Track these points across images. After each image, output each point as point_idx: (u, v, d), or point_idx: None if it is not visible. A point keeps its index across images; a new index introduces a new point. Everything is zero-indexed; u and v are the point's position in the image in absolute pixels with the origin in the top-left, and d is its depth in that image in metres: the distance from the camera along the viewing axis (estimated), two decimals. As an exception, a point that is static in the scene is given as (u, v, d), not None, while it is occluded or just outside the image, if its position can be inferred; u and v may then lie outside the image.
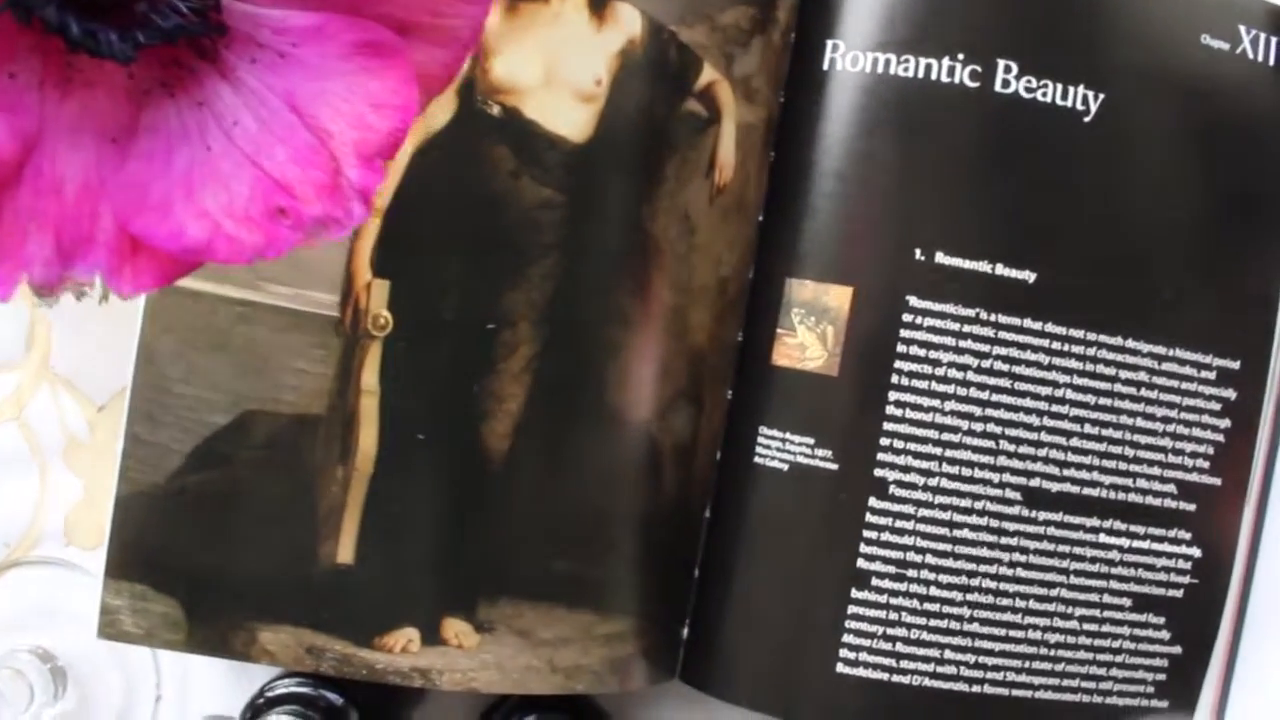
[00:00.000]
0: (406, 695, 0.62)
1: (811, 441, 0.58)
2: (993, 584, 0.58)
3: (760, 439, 0.59)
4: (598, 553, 0.57)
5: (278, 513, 0.54)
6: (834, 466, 0.58)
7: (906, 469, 0.57)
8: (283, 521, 0.54)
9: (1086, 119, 0.57)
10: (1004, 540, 0.58)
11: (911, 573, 0.58)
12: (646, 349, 0.56)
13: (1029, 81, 0.57)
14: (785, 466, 0.58)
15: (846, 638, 0.58)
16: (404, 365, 0.53)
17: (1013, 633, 0.59)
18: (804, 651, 0.59)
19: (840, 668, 0.59)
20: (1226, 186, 0.59)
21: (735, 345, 0.60)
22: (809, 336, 0.58)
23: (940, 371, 0.57)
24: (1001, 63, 0.57)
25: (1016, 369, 0.57)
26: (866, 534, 0.58)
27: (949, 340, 0.57)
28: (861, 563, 0.58)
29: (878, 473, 0.57)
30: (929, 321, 0.57)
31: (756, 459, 0.59)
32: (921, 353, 0.57)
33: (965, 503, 0.58)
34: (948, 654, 0.59)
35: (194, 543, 0.54)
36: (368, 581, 0.55)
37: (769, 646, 0.59)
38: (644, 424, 0.57)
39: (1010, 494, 0.58)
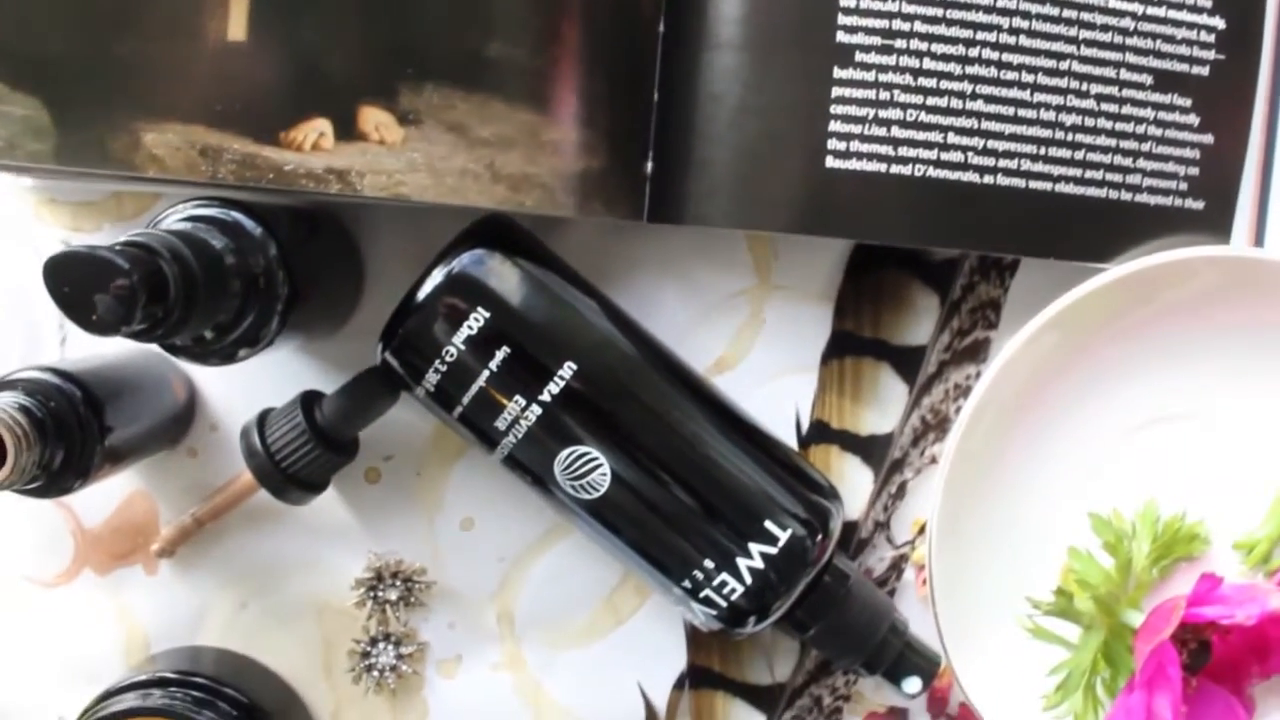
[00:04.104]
0: (337, 240, 0.51)
1: (771, -95, 0.47)
2: (994, 54, 0.48)
3: (713, -84, 0.48)
4: (538, 40, 0.46)
5: (153, -18, 0.43)
6: (799, -71, 0.47)
7: (882, -79, 0.47)
8: (160, -9, 0.43)
9: None
10: (1001, 3, 0.48)
11: (900, 43, 0.48)
12: None
13: None
14: (744, -59, 0.48)
15: (834, 126, 0.48)
16: None
17: (1022, 112, 0.48)
18: (787, 150, 0.48)
19: (830, 162, 0.48)
20: None
21: None
22: None
23: None
24: None
25: None
26: (843, 2, 0.47)
27: None
28: (841, 36, 0.48)
29: (850, -71, 0.47)
30: None
31: (711, -59, 0.48)
32: None
33: (953, -43, 0.47)
34: (951, 138, 0.48)
35: (56, 22, 0.43)
36: (266, 62, 0.44)
37: (747, 153, 0.48)
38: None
39: (1003, -54, 0.48)
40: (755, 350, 0.53)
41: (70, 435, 0.47)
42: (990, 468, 0.51)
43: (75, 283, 0.38)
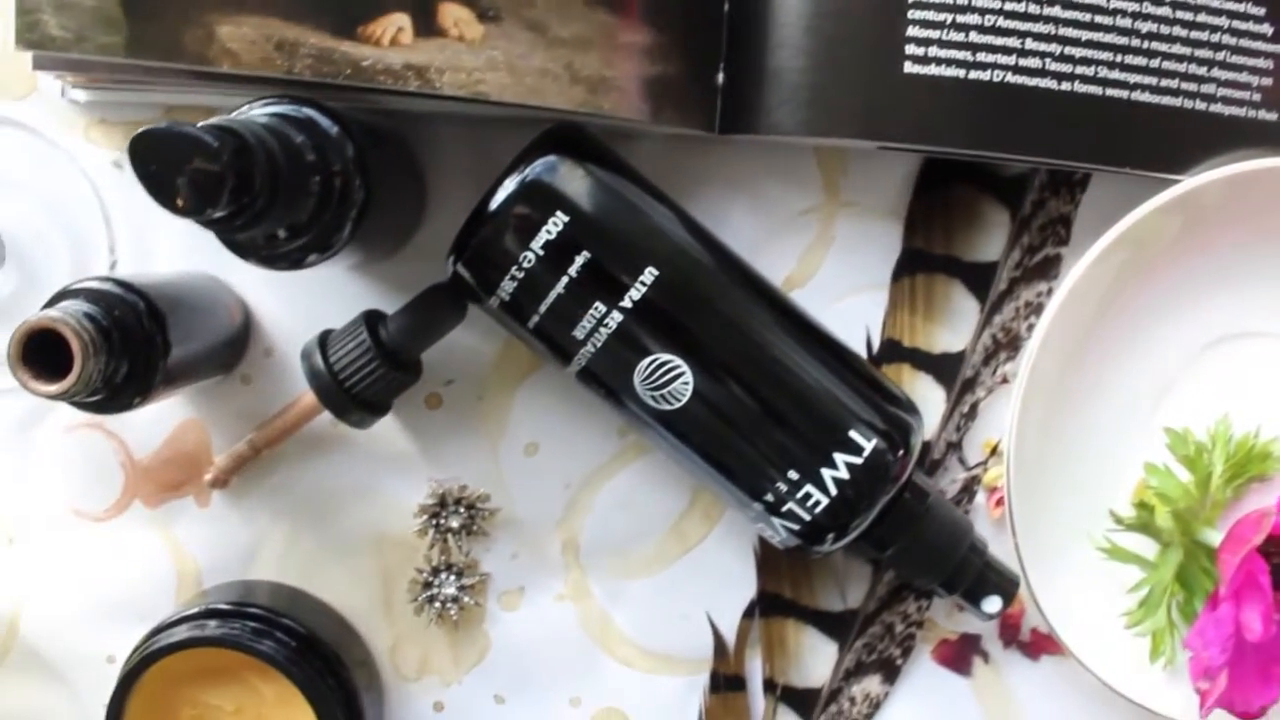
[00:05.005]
0: (400, 157, 0.49)
1: None
2: (1071, -41, 0.47)
3: None
4: (613, -59, 0.45)
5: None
6: None
7: None
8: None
9: None
10: (1078, -95, 0.47)
11: (978, -54, 0.46)
12: None
13: None
14: None
15: (912, 31, 0.47)
16: None
17: (1099, 18, 0.48)
18: (865, 55, 0.47)
19: (909, 67, 0.47)
20: None
21: None
22: None
23: None
24: None
25: None
26: (922, -97, 0.46)
27: None
28: (920, -62, 0.46)
29: None
30: None
31: None
32: None
33: None
34: (1029, 44, 0.47)
35: (127, -88, 0.41)
36: (343, -46, 0.42)
37: (823, 60, 0.47)
38: None
39: None
40: (824, 268, 0.52)
41: (135, 347, 0.45)
42: (1064, 387, 0.50)
43: (162, 161, 0.36)
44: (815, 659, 0.53)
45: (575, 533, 0.53)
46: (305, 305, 0.52)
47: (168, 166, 0.36)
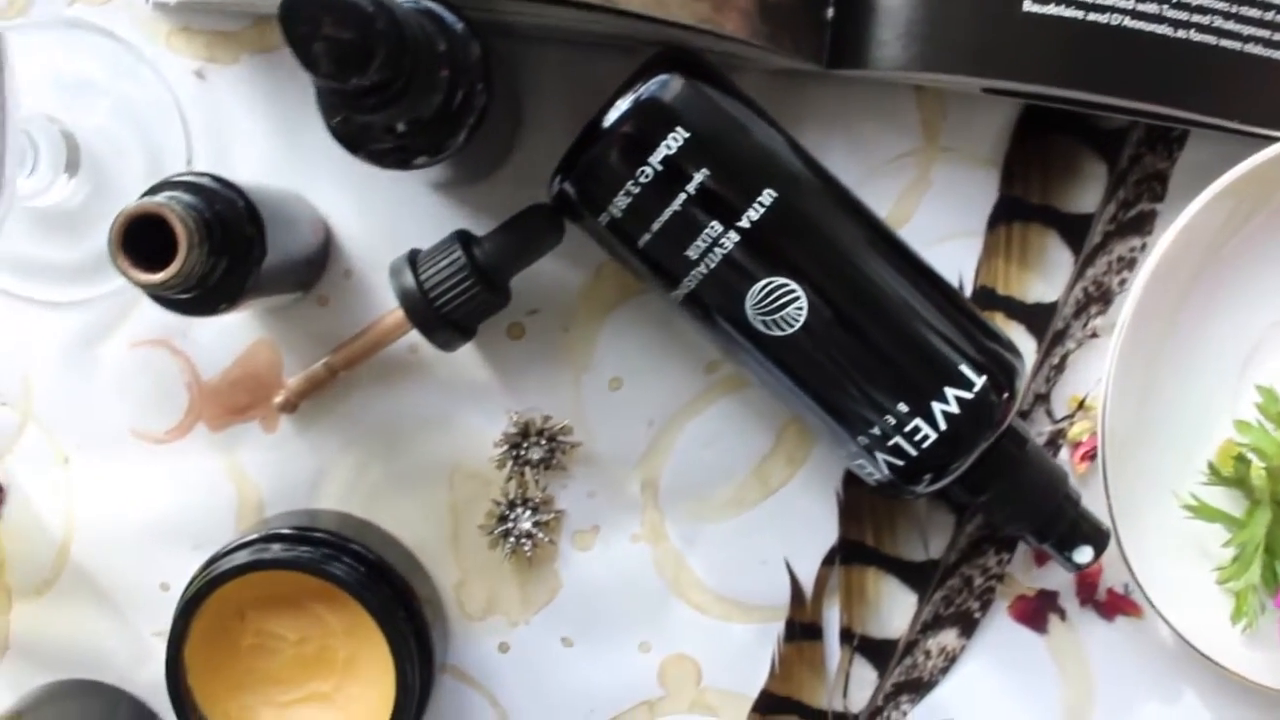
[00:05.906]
0: (501, 78, 0.48)
1: None
2: (1190, -92, 0.46)
3: None
4: None
5: None
6: None
7: None
8: None
9: None
10: None
11: (1101, -111, 0.46)
12: None
13: None
14: None
15: (1033, -32, 0.46)
16: None
17: (1215, -32, 0.47)
18: (983, -8, 0.46)
19: (1028, 5, 0.46)
20: None
21: None
22: None
23: None
24: None
25: None
26: None
27: None
28: (1044, -122, 0.46)
29: None
30: None
31: None
32: None
33: None
34: (1147, -11, 0.46)
35: None
36: None
37: (940, -5, 0.46)
38: None
39: None
40: (920, 212, 0.51)
41: (234, 245, 0.43)
42: (1158, 342, 0.50)
43: (311, 21, 0.34)
44: (894, 609, 0.51)
45: (655, 472, 0.51)
46: (388, 228, 0.50)
47: (314, 29, 0.34)
